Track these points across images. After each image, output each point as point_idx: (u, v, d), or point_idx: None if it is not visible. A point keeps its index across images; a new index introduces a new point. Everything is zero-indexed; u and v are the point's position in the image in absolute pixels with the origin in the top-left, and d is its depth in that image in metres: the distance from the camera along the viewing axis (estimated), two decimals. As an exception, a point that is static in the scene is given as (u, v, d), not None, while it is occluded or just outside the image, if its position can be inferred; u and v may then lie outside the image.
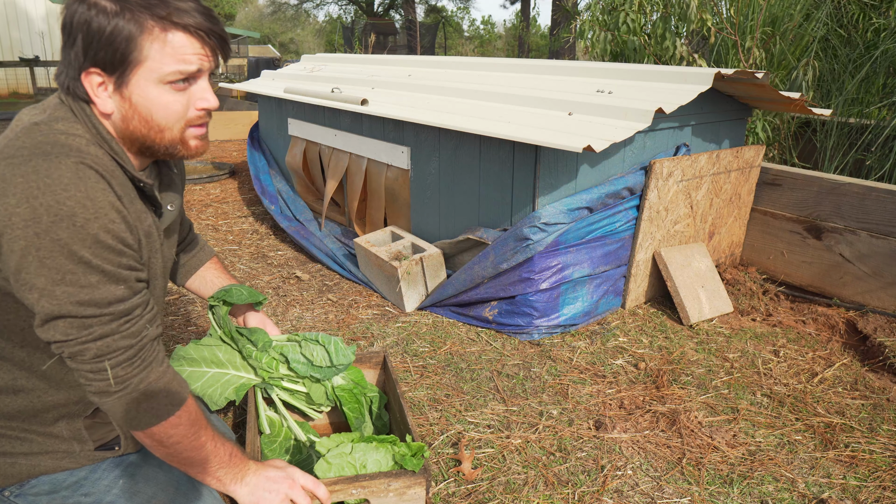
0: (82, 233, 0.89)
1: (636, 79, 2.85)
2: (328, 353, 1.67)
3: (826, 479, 1.82)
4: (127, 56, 0.96)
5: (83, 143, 0.96)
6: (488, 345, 2.57)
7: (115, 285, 0.95)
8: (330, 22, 27.97)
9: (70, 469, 1.11)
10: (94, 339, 0.94)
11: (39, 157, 0.90)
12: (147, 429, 1.01)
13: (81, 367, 0.95)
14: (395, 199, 3.29)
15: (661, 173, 2.66)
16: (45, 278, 0.89)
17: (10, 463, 1.06)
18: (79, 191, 0.90)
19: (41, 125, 0.95)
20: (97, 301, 0.93)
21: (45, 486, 1.09)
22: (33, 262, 0.88)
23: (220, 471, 1.11)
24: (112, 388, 0.97)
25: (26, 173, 0.88)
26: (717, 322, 2.80)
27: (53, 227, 0.88)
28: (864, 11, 3.90)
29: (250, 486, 1.14)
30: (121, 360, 0.97)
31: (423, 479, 1.32)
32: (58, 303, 0.90)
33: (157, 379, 1.01)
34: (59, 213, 0.88)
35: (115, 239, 0.94)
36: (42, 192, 0.88)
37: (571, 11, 10.31)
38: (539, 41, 26.55)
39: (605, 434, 2.00)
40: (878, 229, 2.73)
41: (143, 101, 1.00)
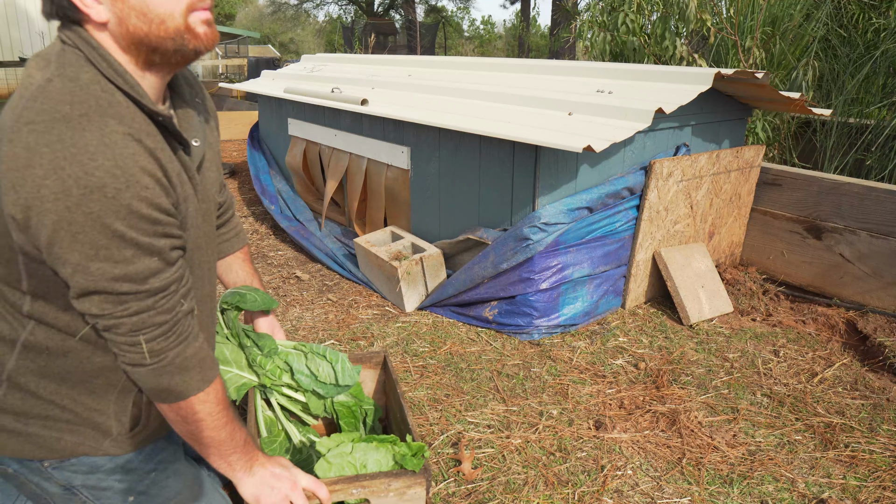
0: (115, 204, 0.85)
1: (636, 79, 2.85)
2: (334, 372, 1.66)
3: (826, 479, 1.82)
4: None
5: (98, 92, 0.89)
6: (488, 345, 2.57)
7: (150, 257, 0.92)
8: (330, 22, 27.97)
9: (111, 455, 1.12)
10: (130, 315, 0.93)
11: (61, 123, 0.85)
12: (175, 402, 1.02)
13: (116, 338, 0.96)
14: (395, 199, 3.30)
15: (661, 173, 2.66)
16: (78, 253, 0.86)
17: (55, 438, 1.07)
18: (107, 158, 0.85)
19: (54, 80, 0.88)
20: (132, 276, 0.90)
21: (83, 467, 1.10)
22: (66, 237, 0.85)
23: (232, 455, 1.12)
24: (147, 361, 0.97)
25: (50, 142, 0.84)
26: (717, 322, 2.80)
27: (84, 200, 0.84)
28: (864, 11, 3.90)
29: (256, 478, 1.15)
30: (156, 335, 0.96)
31: (423, 478, 1.32)
32: (92, 278, 0.88)
33: (192, 354, 1.01)
34: (88, 185, 0.84)
35: (150, 206, 0.89)
36: (69, 162, 0.83)
37: (571, 12, 10.31)
38: (539, 41, 26.54)
39: (605, 434, 2.00)
40: (878, 229, 2.73)
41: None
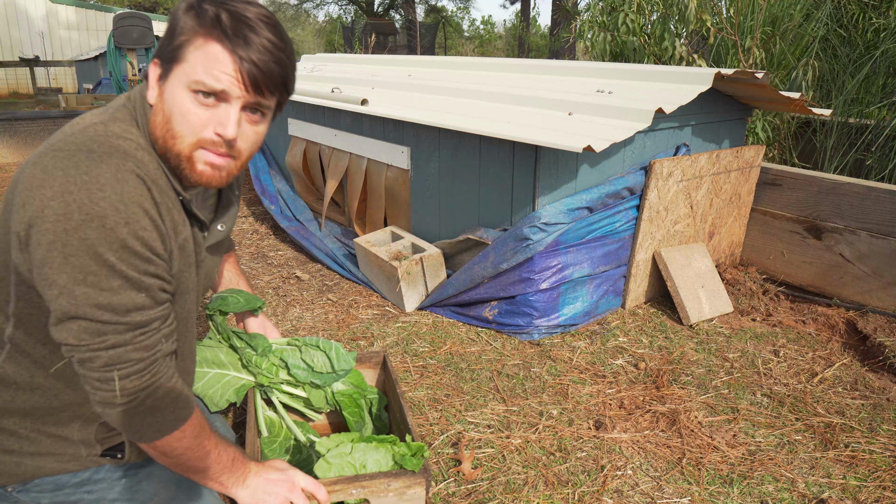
0: (111, 235, 0.88)
1: (636, 79, 2.85)
2: (329, 360, 1.66)
3: (826, 479, 1.82)
4: (176, 51, 0.97)
5: (132, 147, 0.95)
6: (488, 345, 2.57)
7: (137, 293, 0.93)
8: (330, 22, 27.96)
9: (74, 471, 1.11)
10: (107, 348, 0.92)
11: (83, 153, 0.90)
12: (151, 441, 1.01)
13: (90, 374, 0.94)
14: (395, 199, 3.29)
15: (661, 173, 2.66)
16: (66, 276, 0.88)
17: (15, 462, 1.06)
18: (114, 192, 0.89)
19: (98, 125, 0.96)
20: (115, 307, 0.91)
21: (48, 486, 1.09)
22: (58, 257, 0.87)
23: (222, 476, 1.11)
24: (117, 401, 0.95)
25: (66, 167, 0.88)
26: (717, 322, 2.80)
27: (83, 226, 0.87)
28: (864, 11, 3.90)
29: (251, 489, 1.15)
30: (130, 373, 0.95)
31: (422, 478, 1.32)
32: (76, 303, 0.89)
33: (164, 395, 1.00)
34: (90, 213, 0.87)
35: (144, 246, 0.92)
36: (78, 188, 0.87)
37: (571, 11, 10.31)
38: (539, 41, 26.53)
39: (605, 434, 2.00)
40: (878, 229, 2.73)
41: (170, 100, 0.98)
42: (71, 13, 13.98)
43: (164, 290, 0.99)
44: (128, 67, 6.20)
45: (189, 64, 0.96)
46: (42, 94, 12.27)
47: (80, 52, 13.53)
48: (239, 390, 1.61)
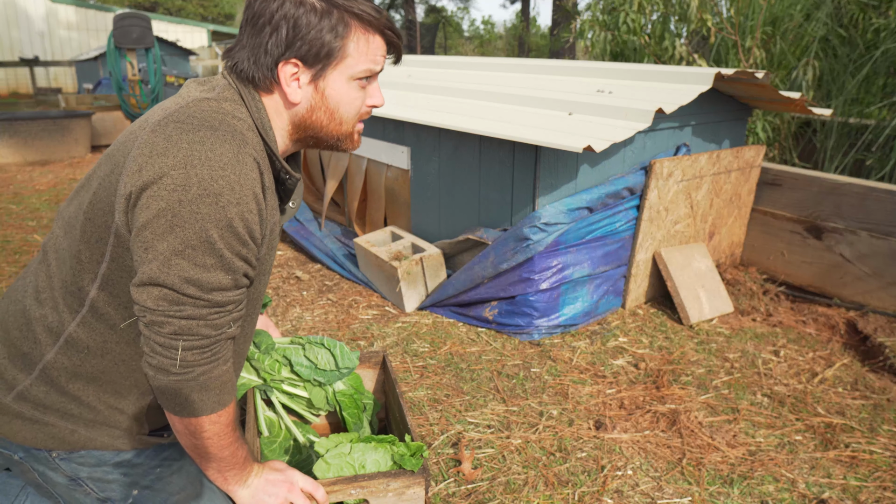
0: (221, 213, 0.91)
1: (636, 79, 2.85)
2: (333, 357, 1.66)
3: (826, 479, 1.82)
4: (333, 52, 1.03)
5: (245, 128, 1.00)
6: (488, 345, 2.57)
7: (225, 273, 0.95)
8: (330, 22, 27.90)
9: (120, 450, 1.13)
10: (181, 318, 0.94)
11: (207, 129, 0.94)
12: (187, 418, 1.02)
13: (155, 337, 0.95)
14: (395, 199, 3.29)
15: (661, 173, 2.66)
16: (167, 244, 0.90)
17: (70, 430, 1.08)
18: (234, 172, 0.92)
19: (210, 101, 1.00)
20: (202, 283, 0.93)
21: (91, 459, 1.11)
22: (164, 224, 0.90)
23: (230, 471, 1.13)
24: (174, 369, 0.97)
25: (192, 141, 0.92)
26: (718, 322, 2.80)
27: (198, 200, 0.90)
28: (864, 11, 3.90)
29: (251, 489, 1.15)
30: (194, 346, 0.97)
31: (422, 478, 1.32)
32: (167, 271, 0.91)
33: (217, 376, 1.02)
34: (208, 188, 0.90)
35: (245, 228, 0.95)
36: (202, 162, 0.91)
37: (571, 11, 10.31)
38: (539, 41, 26.53)
39: (606, 434, 2.00)
40: (879, 229, 2.73)
41: (334, 94, 1.07)
42: (71, 13, 13.99)
43: (246, 276, 1.02)
44: (127, 67, 6.20)
45: (352, 58, 1.05)
46: (42, 94, 12.27)
47: (79, 52, 13.54)
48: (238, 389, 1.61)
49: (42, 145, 6.37)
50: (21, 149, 6.27)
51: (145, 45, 6.11)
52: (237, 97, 1.04)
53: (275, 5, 1.00)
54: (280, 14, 1.00)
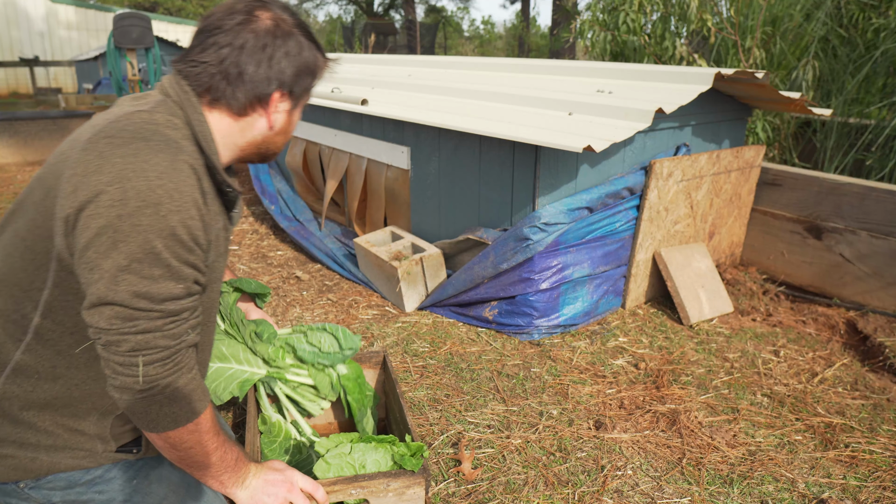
0: (163, 223, 0.90)
1: (636, 79, 2.85)
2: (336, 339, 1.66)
3: (826, 479, 1.82)
4: (311, 87, 1.15)
5: (180, 137, 1.00)
6: (488, 345, 2.57)
7: (175, 282, 0.94)
8: (330, 22, 27.95)
9: (87, 468, 1.10)
10: (136, 333, 0.93)
11: (139, 140, 0.93)
12: (163, 432, 1.01)
13: (114, 357, 0.94)
14: (395, 199, 3.29)
15: (661, 173, 2.66)
16: (112, 261, 0.89)
17: (31, 458, 1.06)
18: (171, 181, 0.92)
19: (142, 113, 0.99)
20: (153, 295, 0.92)
21: (60, 483, 1.09)
22: (106, 241, 0.88)
23: (224, 475, 1.12)
24: (138, 386, 0.95)
25: (125, 154, 0.91)
26: (717, 322, 2.80)
27: (137, 212, 0.89)
28: (864, 11, 3.90)
29: (250, 490, 1.15)
30: (154, 359, 0.95)
31: (422, 478, 1.32)
32: (115, 289, 0.89)
33: (183, 385, 1.00)
34: (147, 199, 0.89)
35: (189, 235, 0.94)
36: (137, 175, 0.89)
37: (571, 11, 10.31)
38: (539, 41, 26.52)
39: (605, 434, 2.00)
40: (879, 229, 2.73)
41: (294, 120, 1.18)
42: (71, 13, 13.98)
43: (197, 282, 1.01)
44: (127, 67, 6.20)
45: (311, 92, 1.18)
46: (42, 94, 12.27)
47: (79, 52, 13.53)
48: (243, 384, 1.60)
49: (42, 145, 6.37)
50: (21, 149, 6.28)
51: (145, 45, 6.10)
52: (174, 109, 1.03)
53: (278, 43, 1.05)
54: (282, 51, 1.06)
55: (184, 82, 1.05)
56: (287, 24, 1.07)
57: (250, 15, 1.04)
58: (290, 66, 1.07)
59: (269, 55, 1.04)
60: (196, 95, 1.05)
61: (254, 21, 1.03)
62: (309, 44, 1.10)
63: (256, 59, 1.03)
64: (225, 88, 1.04)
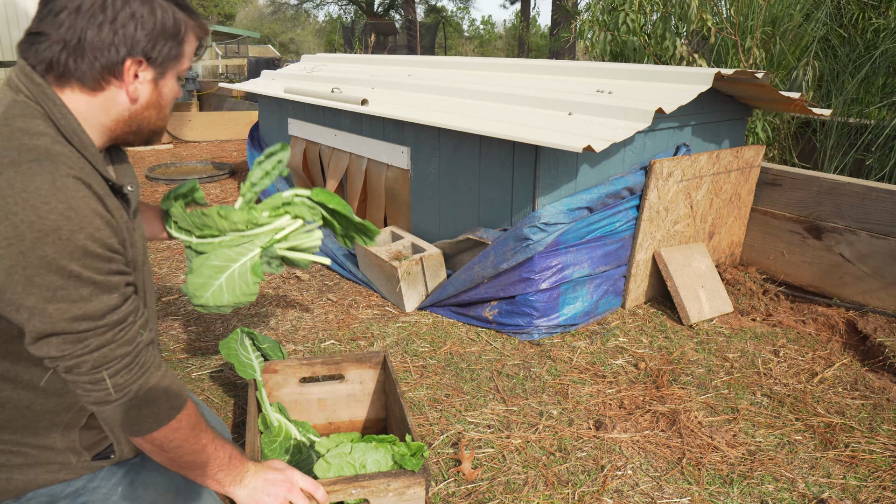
0: (70, 245, 0.86)
1: (636, 79, 2.85)
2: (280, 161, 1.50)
3: (826, 479, 1.82)
4: (179, 53, 1.04)
5: (48, 143, 0.91)
6: (488, 345, 2.57)
7: (108, 295, 0.92)
8: (330, 22, 27.96)
9: (67, 480, 1.09)
10: (91, 351, 0.92)
11: (10, 167, 0.85)
12: (148, 434, 1.00)
13: (79, 378, 0.93)
14: (395, 199, 3.30)
15: (661, 173, 2.66)
16: (35, 297, 0.86)
17: (5, 478, 1.04)
18: (60, 202, 0.86)
19: (1, 126, 0.90)
20: (91, 314, 0.90)
21: (43, 499, 1.07)
22: (20, 280, 0.85)
23: (219, 473, 1.11)
24: (112, 397, 0.95)
25: (2, 187, 0.84)
26: (717, 322, 2.80)
27: (38, 244, 0.84)
28: (864, 11, 3.90)
29: (249, 489, 1.14)
30: (119, 369, 0.95)
31: (422, 478, 1.32)
32: (50, 321, 0.87)
33: (156, 383, 1.00)
34: (42, 228, 0.84)
35: (103, 246, 0.90)
36: (21, 207, 0.84)
37: (571, 11, 10.31)
38: (539, 41, 26.53)
39: (605, 434, 2.00)
40: (878, 229, 2.73)
41: (166, 92, 1.07)
42: (71, 13, 14.00)
43: (128, 284, 0.98)
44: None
45: (185, 58, 1.07)
46: (42, 94, 12.25)
47: (80, 52, 13.52)
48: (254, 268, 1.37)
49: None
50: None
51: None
52: (30, 109, 0.93)
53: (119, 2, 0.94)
54: (126, 11, 0.94)
55: (28, 68, 0.94)
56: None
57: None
58: (140, 29, 0.95)
59: (110, 17, 0.92)
60: (42, 77, 0.94)
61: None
62: (165, 2, 0.99)
63: (97, 21, 0.92)
64: (67, 60, 0.93)
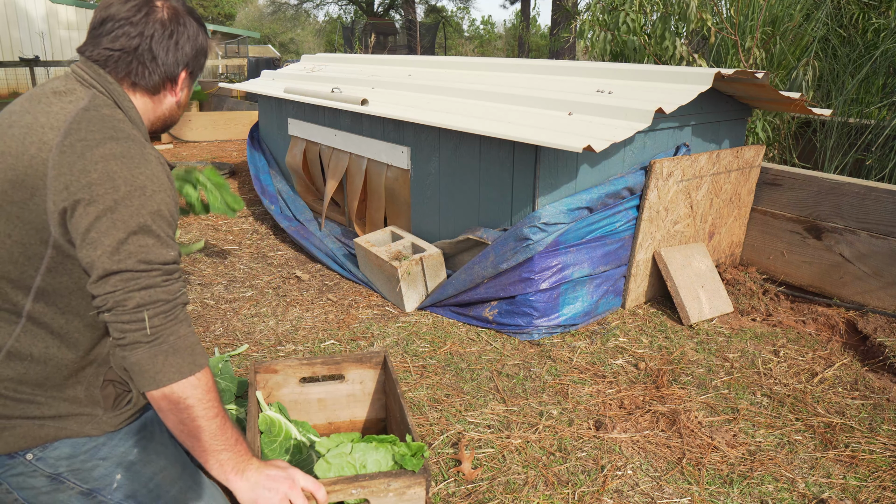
0: (150, 202, 1.07)
1: (636, 79, 2.85)
2: None
3: (826, 479, 1.82)
4: (204, 64, 1.32)
5: (130, 128, 1.15)
6: (488, 345, 2.57)
7: (165, 249, 1.09)
8: (330, 22, 27.95)
9: (91, 435, 1.18)
10: (139, 289, 1.05)
11: (110, 140, 1.09)
12: (167, 385, 1.07)
13: (121, 318, 1.04)
14: (395, 199, 3.30)
15: (661, 173, 2.66)
16: (111, 237, 1.03)
17: (38, 425, 1.14)
18: (147, 168, 1.09)
19: (91, 111, 1.12)
20: (150, 259, 1.06)
21: (66, 450, 1.15)
22: (105, 222, 1.03)
23: (224, 453, 1.13)
24: (146, 338, 1.05)
25: (104, 154, 1.07)
26: (717, 322, 2.80)
27: (129, 196, 1.05)
28: (864, 11, 3.90)
29: (251, 482, 1.15)
30: (158, 312, 1.06)
31: (422, 478, 1.32)
32: (118, 258, 1.03)
33: (185, 336, 1.10)
34: (134, 185, 1.06)
35: (169, 212, 1.11)
36: (119, 167, 1.06)
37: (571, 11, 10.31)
38: (539, 41, 26.52)
39: (605, 434, 2.00)
40: (878, 229, 2.73)
41: (188, 94, 1.34)
42: (71, 13, 13.98)
43: (177, 249, 1.14)
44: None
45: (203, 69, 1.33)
46: (42, 94, 12.23)
47: (80, 52, 13.50)
48: None
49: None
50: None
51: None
52: (108, 101, 1.17)
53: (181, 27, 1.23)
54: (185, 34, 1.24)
55: (101, 70, 1.18)
56: (181, 11, 1.24)
57: (150, 6, 1.20)
58: (191, 49, 1.26)
59: (175, 41, 1.22)
60: (117, 82, 1.20)
61: (155, 11, 1.20)
62: (199, 27, 1.27)
63: (166, 45, 1.21)
64: (143, 72, 1.21)
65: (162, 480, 1.24)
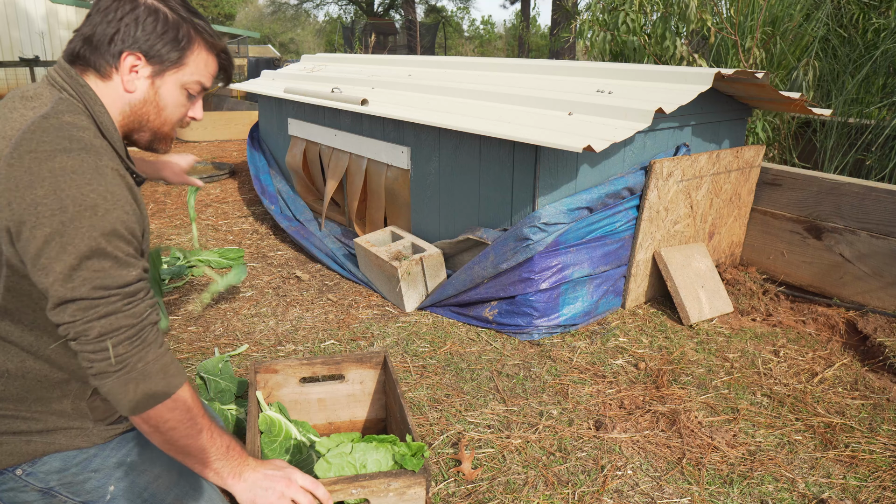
0: (103, 222, 0.99)
1: (636, 79, 2.85)
2: None
3: (826, 479, 1.82)
4: (176, 58, 1.15)
5: (91, 137, 1.06)
6: (488, 345, 2.57)
7: (125, 270, 1.02)
8: (330, 22, 27.96)
9: (81, 447, 1.15)
10: (99, 318, 0.99)
11: (62, 153, 1.00)
12: (144, 412, 1.03)
13: (85, 347, 1.00)
14: (395, 199, 3.30)
15: (661, 173, 2.66)
16: (63, 263, 0.96)
17: (25, 441, 1.10)
18: (100, 185, 1.00)
19: (50, 118, 1.04)
20: (108, 285, 1.00)
21: (56, 464, 1.12)
22: (55, 247, 0.96)
23: (217, 462, 1.12)
24: (112, 368, 1.01)
25: (53, 169, 0.98)
26: (717, 322, 2.80)
27: (78, 217, 0.97)
28: (864, 11, 3.90)
29: (248, 483, 1.15)
30: (122, 339, 1.01)
31: (422, 478, 1.32)
32: (73, 286, 0.97)
33: (154, 360, 1.05)
34: (83, 204, 0.97)
35: (127, 230, 1.03)
36: (68, 184, 0.98)
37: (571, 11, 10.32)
38: (539, 41, 26.53)
39: (605, 434, 2.00)
40: (878, 229, 2.73)
41: (165, 94, 1.17)
42: (71, 13, 13.99)
43: (144, 269, 1.08)
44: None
45: (189, 69, 1.17)
46: (42, 94, 12.24)
47: (80, 52, 13.51)
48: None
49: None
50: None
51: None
52: (74, 105, 1.08)
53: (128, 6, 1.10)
54: (133, 15, 1.10)
55: (67, 66, 1.11)
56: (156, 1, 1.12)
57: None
58: (141, 31, 1.10)
59: (118, 15, 1.09)
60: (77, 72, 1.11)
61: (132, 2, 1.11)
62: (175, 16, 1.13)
63: (107, 18, 1.09)
64: (84, 50, 1.10)
65: (157, 489, 1.21)
